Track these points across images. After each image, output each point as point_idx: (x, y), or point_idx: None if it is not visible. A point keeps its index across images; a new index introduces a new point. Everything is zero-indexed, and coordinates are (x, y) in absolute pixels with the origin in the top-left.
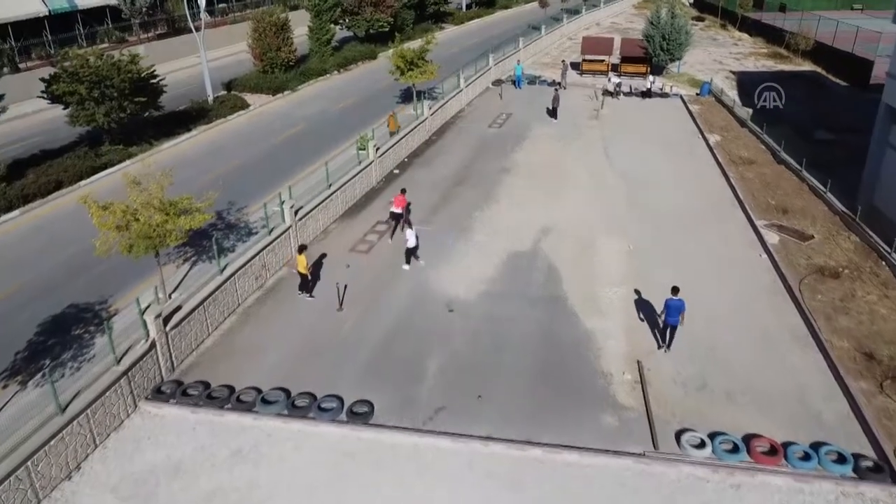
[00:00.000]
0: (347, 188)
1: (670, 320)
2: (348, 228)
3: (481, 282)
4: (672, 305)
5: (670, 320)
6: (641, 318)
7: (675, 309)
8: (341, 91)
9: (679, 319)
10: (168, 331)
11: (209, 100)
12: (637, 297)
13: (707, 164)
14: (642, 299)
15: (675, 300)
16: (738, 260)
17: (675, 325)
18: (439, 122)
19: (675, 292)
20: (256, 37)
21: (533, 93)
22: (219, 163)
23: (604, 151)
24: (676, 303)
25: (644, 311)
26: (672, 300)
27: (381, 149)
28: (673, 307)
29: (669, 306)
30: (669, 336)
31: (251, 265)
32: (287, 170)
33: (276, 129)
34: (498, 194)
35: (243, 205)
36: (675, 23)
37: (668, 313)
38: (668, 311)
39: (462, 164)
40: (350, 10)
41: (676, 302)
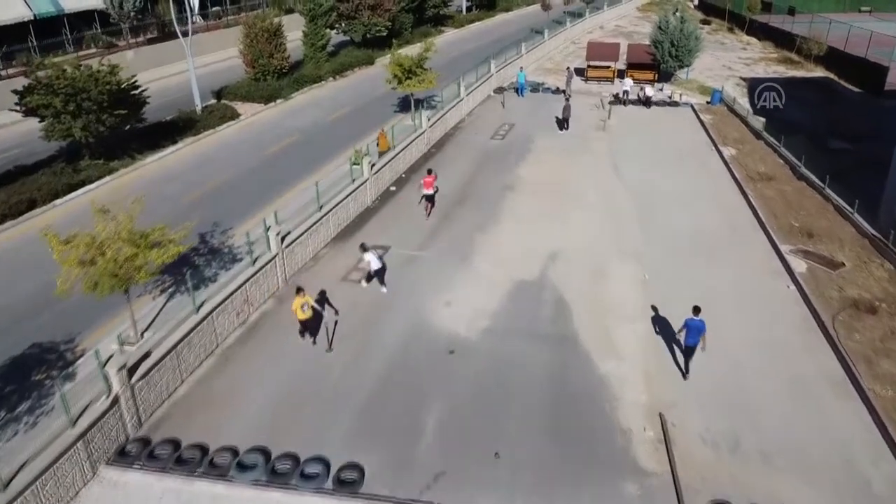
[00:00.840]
0: (340, 209)
1: (690, 341)
2: (341, 253)
3: (484, 317)
4: (692, 326)
5: (690, 341)
6: (661, 360)
7: (696, 330)
8: (336, 99)
9: (699, 341)
10: (134, 383)
11: (197, 109)
12: (655, 336)
13: (723, 179)
14: (661, 338)
15: (696, 320)
16: (763, 291)
17: (694, 347)
18: (439, 134)
19: (696, 312)
20: (248, 43)
21: (536, 101)
22: (205, 177)
23: (612, 166)
24: (697, 323)
25: (663, 353)
26: (693, 320)
27: (376, 165)
28: (693, 328)
29: (689, 327)
30: (685, 360)
31: (232, 300)
32: (278, 185)
33: (267, 140)
34: (501, 215)
35: (228, 226)
36: (684, 28)
37: (687, 334)
38: (688, 332)
39: (463, 181)
40: (346, 15)
41: (697, 322)
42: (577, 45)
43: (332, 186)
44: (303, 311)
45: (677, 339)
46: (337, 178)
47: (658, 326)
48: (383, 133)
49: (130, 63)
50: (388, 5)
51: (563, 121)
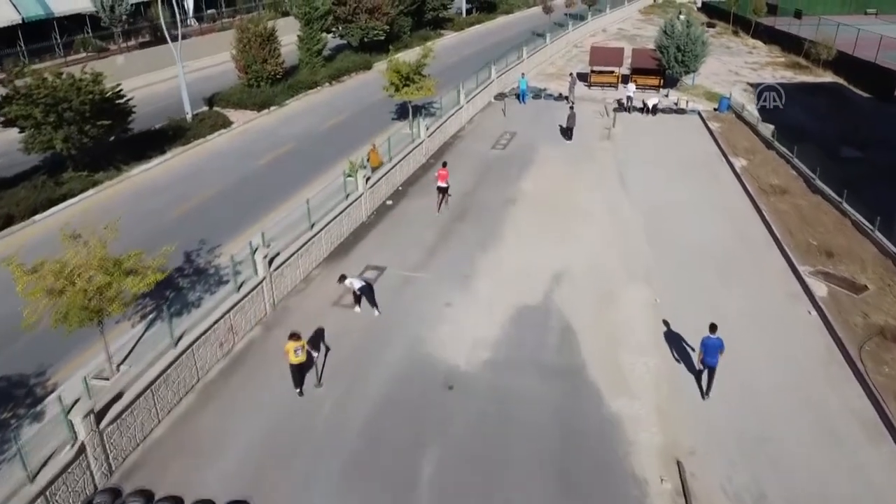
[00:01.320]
0: (333, 226)
1: (709, 361)
2: (334, 274)
3: (485, 346)
4: (710, 345)
5: (709, 361)
6: (675, 395)
7: (714, 348)
8: (333, 106)
9: (718, 360)
10: (104, 428)
11: (188, 117)
12: (668, 368)
13: (734, 193)
14: (674, 371)
15: (713, 339)
16: (783, 318)
17: (714, 367)
18: (437, 143)
19: (713, 330)
20: (241, 48)
21: (538, 108)
22: (194, 190)
23: (619, 177)
24: (715, 342)
25: (677, 388)
26: (710, 339)
27: (371, 178)
28: (711, 346)
29: (707, 346)
30: (708, 379)
31: (214, 330)
32: (270, 198)
33: (259, 149)
34: (503, 231)
35: (216, 243)
36: (690, 32)
37: (705, 353)
38: (706, 351)
39: (463, 194)
40: (343, 18)
41: (715, 341)
42: (579, 48)
43: (326, 201)
44: (296, 355)
45: (694, 365)
46: (331, 192)
47: (671, 357)
48: (374, 148)
49: (121, 68)
50: (385, 9)
51: (567, 130)
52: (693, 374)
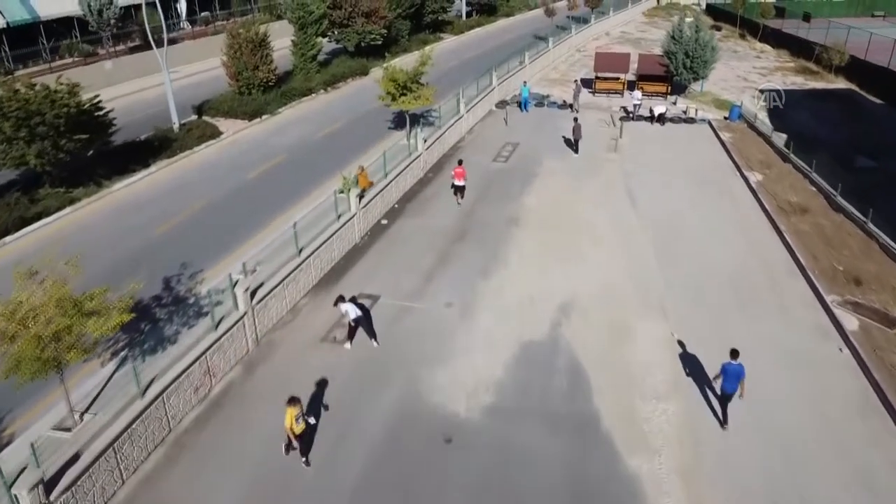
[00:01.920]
0: (323, 250)
1: (728, 387)
2: (322, 305)
3: (487, 390)
4: (730, 371)
5: (728, 387)
6: (698, 450)
7: (735, 375)
8: (327, 114)
9: (738, 388)
10: (55, 499)
11: (175, 127)
12: (688, 416)
13: (751, 211)
14: (695, 419)
15: (734, 365)
16: (812, 356)
17: (732, 394)
18: (436, 156)
19: (734, 356)
20: (231, 54)
21: (542, 117)
22: (178, 207)
23: (627, 193)
24: (736, 368)
25: (700, 440)
26: (730, 365)
27: (364, 197)
28: (731, 373)
29: (727, 371)
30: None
31: (189, 374)
32: (258, 215)
33: (249, 161)
34: (506, 254)
35: (199, 267)
36: (699, 38)
37: (725, 379)
38: (726, 377)
39: (463, 211)
40: (339, 22)
41: (736, 367)
42: (582, 52)
43: (317, 221)
44: (297, 425)
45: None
46: (322, 211)
47: (692, 403)
48: (364, 171)
49: (109, 74)
50: (383, 12)
51: (573, 142)
52: (714, 424)
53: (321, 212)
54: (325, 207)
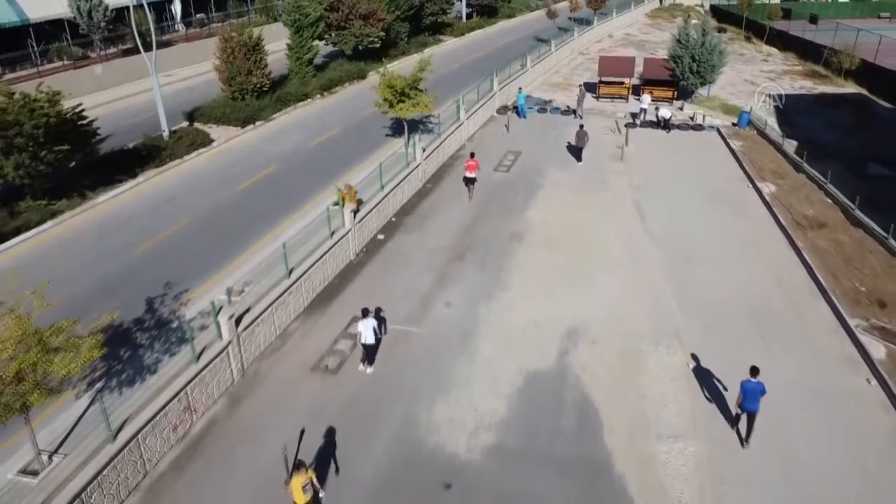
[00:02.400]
0: (315, 270)
1: (748, 407)
2: (314, 329)
3: (490, 427)
4: (751, 389)
5: (748, 407)
6: (721, 500)
7: (755, 393)
8: (323, 120)
9: (759, 406)
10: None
11: (164, 135)
12: (708, 458)
13: (765, 226)
14: (719, 461)
15: (754, 383)
16: (838, 389)
17: (755, 413)
18: (435, 165)
19: (754, 374)
20: (224, 58)
21: (544, 123)
22: (165, 220)
23: (635, 207)
24: (755, 386)
25: (722, 488)
26: (749, 383)
27: (360, 211)
28: (752, 391)
29: (747, 390)
30: (748, 425)
31: (167, 412)
32: (247, 231)
33: (240, 172)
34: (509, 275)
35: (185, 287)
36: (706, 41)
37: (745, 399)
38: (746, 396)
39: (462, 226)
40: (336, 25)
41: (756, 385)
42: (585, 55)
43: (310, 236)
44: (304, 493)
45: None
46: (315, 227)
47: (712, 441)
48: (349, 190)
49: (99, 78)
50: (381, 14)
51: (577, 150)
52: (737, 467)
53: (314, 227)
54: (318, 223)
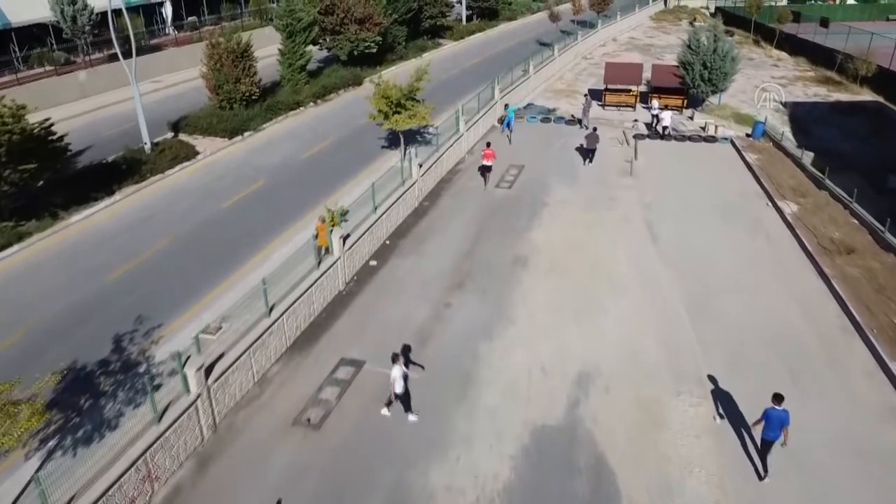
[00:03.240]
0: (300, 305)
1: (770, 435)
2: (297, 373)
3: (491, 499)
4: (774, 416)
5: (770, 435)
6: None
7: (778, 421)
8: (316, 130)
9: (781, 435)
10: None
11: (146, 148)
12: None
13: (788, 249)
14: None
15: (778, 410)
16: (882, 445)
17: (773, 442)
18: (433, 181)
19: (778, 401)
20: (211, 65)
21: (548, 134)
22: (141, 243)
23: (647, 227)
24: (780, 414)
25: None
26: (774, 410)
27: (352, 235)
28: (775, 418)
29: (770, 417)
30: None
31: (121, 485)
32: (228, 256)
33: (225, 187)
34: (512, 306)
35: (158, 321)
36: (718, 48)
37: (767, 426)
38: (768, 423)
39: (462, 250)
40: (331, 29)
41: (780, 413)
42: (589, 60)
43: (295, 266)
44: None
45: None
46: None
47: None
48: (323, 224)
49: (83, 85)
50: (377, 18)
51: (588, 151)
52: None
53: (300, 254)
54: (305, 249)
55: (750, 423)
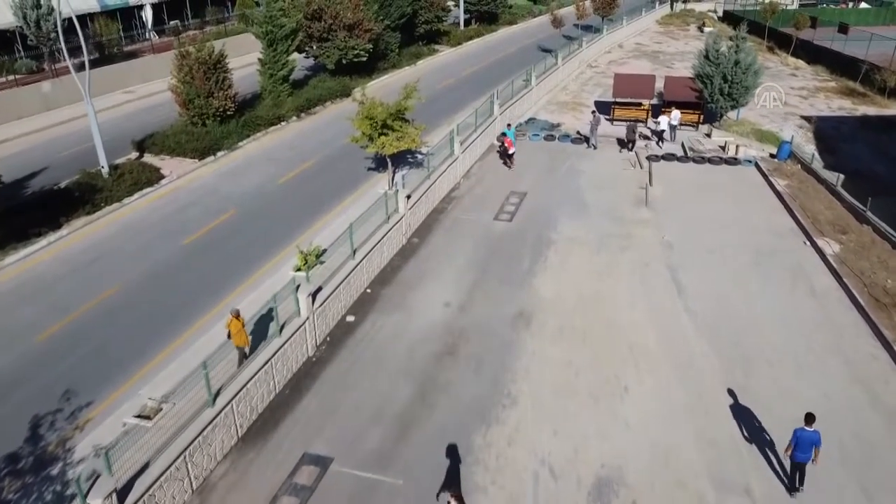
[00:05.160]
0: (257, 384)
1: (800, 457)
2: (249, 475)
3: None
4: (804, 438)
5: (800, 457)
6: None
7: (809, 442)
8: (298, 148)
9: (812, 456)
10: None
11: (103, 171)
12: None
13: (836, 304)
14: None
15: (809, 431)
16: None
17: (805, 463)
18: (424, 212)
19: (810, 421)
20: (181, 77)
21: (552, 154)
22: (83, 290)
23: (670, 273)
24: (811, 435)
25: None
26: (804, 431)
27: (324, 288)
28: (806, 440)
29: (800, 438)
30: (800, 476)
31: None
32: (183, 306)
33: (189, 219)
34: (514, 382)
35: (87, 398)
36: (741, 59)
37: (797, 447)
38: (799, 445)
39: (454, 303)
40: (318, 36)
41: (811, 434)
42: (594, 68)
43: (256, 324)
44: None
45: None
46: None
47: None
48: (238, 318)
49: (47, 97)
50: (368, 24)
51: (627, 142)
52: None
53: (263, 310)
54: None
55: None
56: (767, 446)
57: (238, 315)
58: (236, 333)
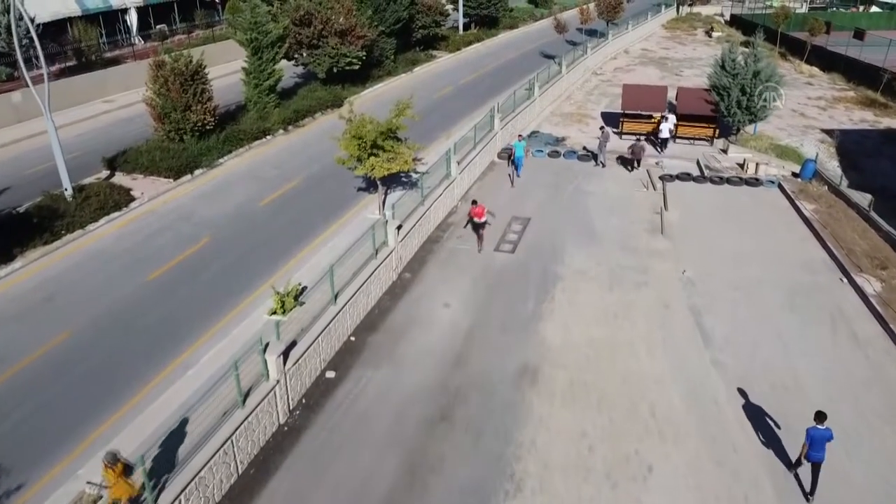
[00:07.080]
0: (214, 466)
1: (815, 456)
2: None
3: None
4: (817, 436)
5: (815, 456)
6: None
7: (822, 440)
8: (283, 165)
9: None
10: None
11: (66, 194)
12: None
13: (883, 354)
14: None
15: (822, 429)
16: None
17: (821, 462)
18: (417, 242)
19: (821, 419)
20: (157, 89)
21: (557, 173)
22: (32, 336)
23: (693, 317)
24: (824, 433)
25: None
26: (817, 430)
27: (299, 343)
28: (819, 438)
29: (814, 437)
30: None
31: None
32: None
33: (158, 249)
34: (519, 459)
35: (22, 476)
36: (761, 70)
37: (811, 447)
38: (813, 444)
39: (450, 354)
40: (307, 43)
41: (824, 432)
42: (600, 76)
43: (217, 389)
44: None
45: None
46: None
47: None
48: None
49: (18, 108)
50: (361, 31)
51: (632, 162)
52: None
53: (226, 371)
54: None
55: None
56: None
57: (114, 463)
58: (116, 486)
